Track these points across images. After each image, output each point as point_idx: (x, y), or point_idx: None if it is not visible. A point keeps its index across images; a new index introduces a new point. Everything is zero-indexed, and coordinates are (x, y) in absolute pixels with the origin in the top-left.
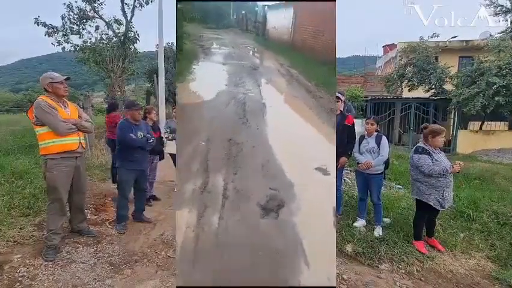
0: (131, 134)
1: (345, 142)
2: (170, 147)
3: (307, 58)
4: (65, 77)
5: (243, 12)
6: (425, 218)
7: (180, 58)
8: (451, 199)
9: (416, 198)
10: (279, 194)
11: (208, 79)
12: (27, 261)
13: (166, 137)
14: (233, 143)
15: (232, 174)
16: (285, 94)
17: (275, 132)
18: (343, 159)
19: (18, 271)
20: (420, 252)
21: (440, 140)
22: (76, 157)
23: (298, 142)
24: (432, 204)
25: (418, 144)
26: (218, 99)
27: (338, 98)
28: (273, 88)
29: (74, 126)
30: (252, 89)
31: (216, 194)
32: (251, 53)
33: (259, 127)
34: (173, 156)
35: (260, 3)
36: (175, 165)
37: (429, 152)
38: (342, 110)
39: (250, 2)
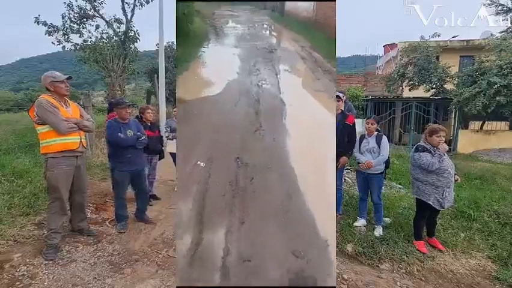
0: (119, 134)
1: (346, 141)
2: (170, 146)
3: (328, 38)
4: (67, 76)
5: None
6: (425, 217)
7: (182, 42)
8: (452, 199)
9: (416, 198)
10: (306, 265)
11: (216, 66)
12: (28, 260)
13: (166, 136)
14: (241, 164)
15: (237, 224)
16: (308, 86)
17: (298, 146)
18: (343, 158)
19: (18, 270)
20: (420, 252)
21: (436, 139)
22: (77, 156)
23: (326, 162)
24: (432, 203)
25: (418, 143)
26: (226, 94)
27: (339, 97)
28: (293, 77)
29: (75, 126)
30: (267, 78)
31: (210, 265)
32: (268, 32)
33: (276, 138)
34: (173, 155)
35: None
36: (175, 164)
37: (430, 151)
38: (342, 109)
39: None
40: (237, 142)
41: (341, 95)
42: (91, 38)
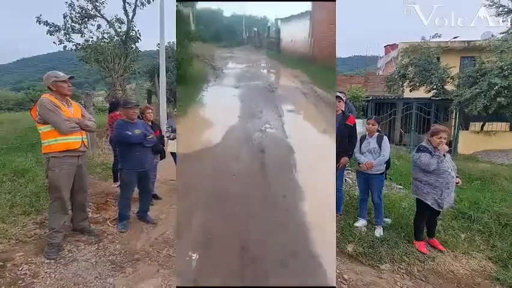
0: (127, 132)
1: (347, 142)
2: (171, 146)
3: (328, 68)
4: (69, 76)
5: (255, 29)
6: (425, 217)
7: (181, 82)
8: (451, 200)
9: (416, 198)
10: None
11: (216, 109)
12: (30, 259)
13: (167, 136)
14: (249, 258)
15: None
16: (317, 125)
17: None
18: (344, 159)
19: (20, 269)
20: (421, 252)
21: (436, 139)
22: (78, 156)
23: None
24: (430, 203)
25: (421, 143)
26: (227, 143)
27: (339, 97)
28: (299, 118)
29: (77, 125)
30: (271, 121)
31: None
32: (265, 71)
33: (290, 208)
34: (174, 155)
35: (272, 19)
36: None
37: (430, 151)
38: (343, 110)
39: (260, 19)
40: (243, 214)
41: (341, 95)
42: (92, 37)
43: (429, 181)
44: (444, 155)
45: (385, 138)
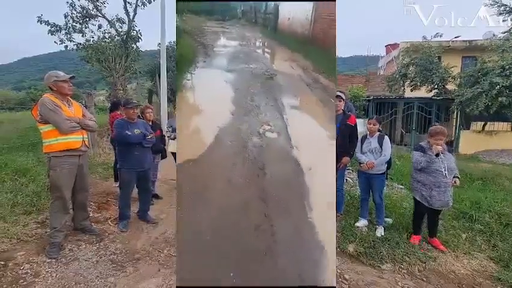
0: (126, 131)
1: (348, 142)
2: (171, 146)
3: (330, 56)
4: (70, 75)
5: (252, 4)
6: (421, 214)
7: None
8: (445, 200)
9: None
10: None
11: (205, 101)
12: (31, 258)
13: (168, 136)
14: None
15: None
16: (328, 128)
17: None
18: (345, 159)
19: (22, 268)
20: (413, 244)
21: (431, 140)
22: (79, 155)
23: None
24: (419, 199)
25: (419, 142)
26: (215, 155)
27: (340, 97)
28: (305, 118)
29: (77, 125)
30: (271, 121)
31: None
32: (261, 51)
33: (299, 226)
34: (174, 155)
35: None
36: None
37: (424, 150)
38: (343, 109)
39: None
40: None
41: (342, 95)
42: (93, 37)
43: (419, 178)
44: (438, 155)
45: (386, 138)
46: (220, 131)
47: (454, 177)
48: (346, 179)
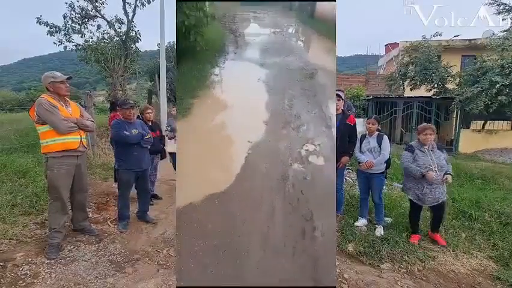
0: (124, 131)
1: (347, 141)
2: (170, 146)
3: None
4: (67, 76)
5: None
6: (416, 212)
7: (183, 62)
8: (437, 197)
9: None
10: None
11: (233, 107)
12: (30, 259)
13: (166, 135)
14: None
15: None
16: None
17: None
18: (345, 158)
19: (21, 269)
20: (412, 243)
21: (422, 137)
22: (77, 156)
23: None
24: (412, 198)
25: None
26: (244, 187)
27: (339, 96)
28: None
29: (75, 125)
30: (316, 138)
31: None
32: (294, 39)
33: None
34: (173, 155)
35: None
36: (174, 166)
37: (413, 149)
38: (343, 109)
39: None
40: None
41: (341, 94)
42: (92, 38)
43: (410, 176)
44: (432, 150)
45: (385, 137)
46: (250, 152)
47: (445, 173)
48: (345, 179)
